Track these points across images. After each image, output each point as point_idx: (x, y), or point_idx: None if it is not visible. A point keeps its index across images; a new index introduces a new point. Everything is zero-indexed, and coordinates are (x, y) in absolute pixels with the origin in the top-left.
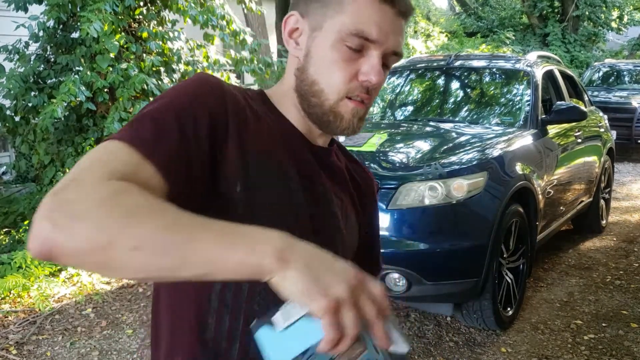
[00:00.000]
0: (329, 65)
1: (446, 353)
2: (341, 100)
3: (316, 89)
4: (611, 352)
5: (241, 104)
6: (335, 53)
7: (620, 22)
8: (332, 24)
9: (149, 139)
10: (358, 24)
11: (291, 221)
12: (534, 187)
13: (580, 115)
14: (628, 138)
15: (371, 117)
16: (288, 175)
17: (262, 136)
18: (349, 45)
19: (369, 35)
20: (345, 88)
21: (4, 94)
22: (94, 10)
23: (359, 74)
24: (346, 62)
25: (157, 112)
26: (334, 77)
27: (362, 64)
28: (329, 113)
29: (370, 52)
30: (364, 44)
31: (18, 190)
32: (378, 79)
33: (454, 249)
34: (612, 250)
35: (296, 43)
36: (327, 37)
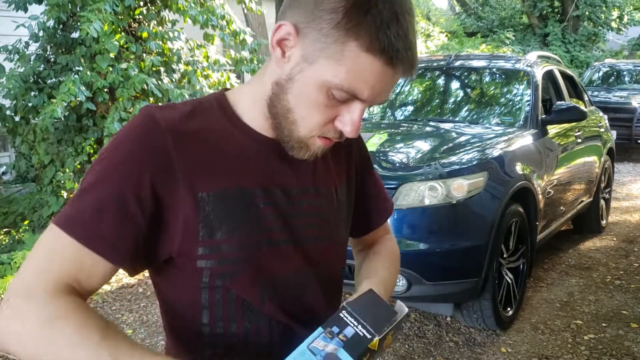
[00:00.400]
0: (309, 104)
1: (446, 353)
2: (312, 137)
3: (290, 118)
4: (611, 352)
5: (176, 152)
6: (320, 96)
7: (620, 22)
8: (325, 67)
9: (88, 225)
10: (352, 82)
11: (264, 244)
12: (534, 187)
13: (580, 115)
14: (628, 138)
15: (371, 117)
16: (253, 201)
17: (215, 170)
18: (334, 95)
19: (360, 95)
20: (320, 130)
21: (4, 93)
22: (94, 10)
23: (337, 120)
24: (327, 107)
25: (95, 191)
26: (311, 117)
27: (342, 111)
28: (296, 143)
29: (354, 105)
30: (350, 98)
31: (18, 191)
32: (355, 133)
33: (454, 249)
34: (612, 250)
35: (283, 53)
36: (316, 77)
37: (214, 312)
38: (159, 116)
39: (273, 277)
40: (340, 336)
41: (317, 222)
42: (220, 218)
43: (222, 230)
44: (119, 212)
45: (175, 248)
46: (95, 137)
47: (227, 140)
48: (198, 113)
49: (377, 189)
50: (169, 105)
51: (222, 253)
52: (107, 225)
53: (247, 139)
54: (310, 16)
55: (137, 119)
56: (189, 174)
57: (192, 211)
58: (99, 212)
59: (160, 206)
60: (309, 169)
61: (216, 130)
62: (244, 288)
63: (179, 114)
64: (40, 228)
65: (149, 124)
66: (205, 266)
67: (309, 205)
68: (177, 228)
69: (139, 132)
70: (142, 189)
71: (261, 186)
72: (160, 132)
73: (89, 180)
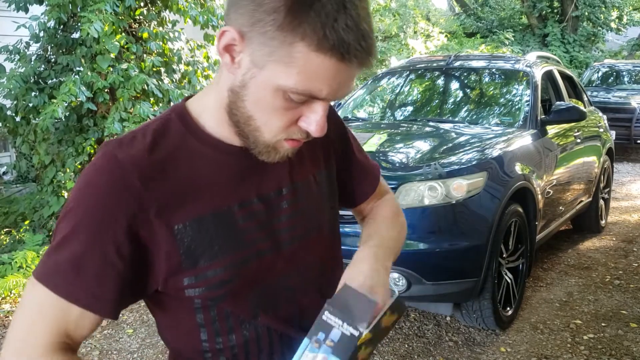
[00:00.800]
0: (267, 110)
1: (446, 353)
2: (278, 141)
3: (252, 125)
4: (610, 352)
5: (145, 191)
6: (277, 100)
7: (619, 23)
8: (275, 71)
9: (69, 280)
10: (306, 84)
11: (250, 259)
12: (533, 187)
13: (579, 115)
14: (627, 138)
15: (371, 117)
16: (232, 220)
17: (187, 199)
18: (292, 98)
19: (318, 95)
20: (284, 133)
21: (4, 94)
22: (95, 11)
23: (301, 121)
24: (287, 110)
25: (70, 245)
26: (273, 122)
27: (304, 111)
28: (263, 148)
29: (316, 104)
30: (309, 99)
31: (19, 191)
32: (321, 132)
33: (454, 248)
34: (611, 250)
35: (232, 59)
36: (269, 82)
37: (211, 329)
38: (121, 156)
39: (263, 288)
40: (327, 342)
41: (298, 221)
42: (201, 246)
43: (205, 258)
44: (99, 264)
45: (160, 283)
46: (96, 138)
47: (196, 162)
48: (160, 141)
49: (359, 162)
50: (129, 139)
51: (208, 279)
52: (87, 278)
53: (215, 154)
54: (252, 19)
55: (98, 161)
56: (162, 209)
57: (171, 246)
58: (78, 267)
59: (140, 247)
60: (284, 167)
61: (182, 154)
62: (235, 306)
63: (140, 148)
64: (40, 228)
65: (112, 166)
66: (193, 294)
67: (288, 205)
68: (160, 264)
69: (104, 177)
70: (118, 235)
71: (238, 201)
72: (125, 173)
73: (63, 233)
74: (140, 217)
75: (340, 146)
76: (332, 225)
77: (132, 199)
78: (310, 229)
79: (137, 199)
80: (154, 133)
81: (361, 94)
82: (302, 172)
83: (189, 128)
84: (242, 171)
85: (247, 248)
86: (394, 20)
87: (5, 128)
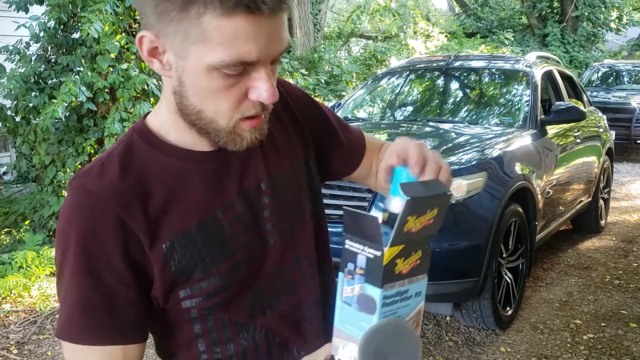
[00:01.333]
0: (211, 95)
1: (446, 352)
2: (236, 123)
3: (205, 119)
4: (610, 352)
5: (128, 217)
6: (214, 82)
7: (619, 23)
8: (198, 54)
9: (86, 326)
10: (232, 52)
11: (242, 263)
12: (533, 187)
13: (579, 115)
14: (627, 138)
15: (371, 117)
16: (217, 226)
17: (169, 216)
18: (227, 73)
19: (250, 59)
20: (238, 112)
21: (4, 94)
22: (95, 11)
23: (249, 93)
24: (230, 88)
25: (73, 291)
26: (221, 105)
27: (248, 82)
28: (226, 137)
29: (256, 70)
30: (244, 67)
31: (19, 191)
32: (273, 96)
33: (454, 248)
34: (611, 250)
35: (161, 63)
36: (198, 67)
37: (209, 339)
38: (95, 188)
39: (257, 288)
40: (358, 270)
41: (282, 213)
42: (192, 259)
43: (198, 270)
44: (107, 299)
45: (160, 299)
46: (96, 138)
47: (168, 176)
48: (128, 165)
49: (341, 136)
50: (97, 169)
51: (203, 290)
52: (101, 317)
53: (185, 164)
54: (157, 14)
55: (74, 199)
56: (147, 231)
57: (163, 263)
58: (89, 311)
59: (138, 269)
60: (259, 162)
61: (153, 172)
62: (232, 312)
63: (111, 175)
64: (40, 228)
65: (90, 201)
66: (190, 305)
67: (269, 199)
68: (156, 281)
69: (86, 213)
70: (115, 265)
71: (220, 207)
72: (103, 203)
73: (63, 280)
74: (132, 243)
75: (317, 126)
76: (314, 207)
77: (119, 228)
78: (294, 220)
79: (124, 226)
80: (120, 158)
81: (361, 94)
82: (279, 163)
83: (153, 144)
84: (217, 175)
85: (238, 253)
86: (394, 21)
87: (6, 128)
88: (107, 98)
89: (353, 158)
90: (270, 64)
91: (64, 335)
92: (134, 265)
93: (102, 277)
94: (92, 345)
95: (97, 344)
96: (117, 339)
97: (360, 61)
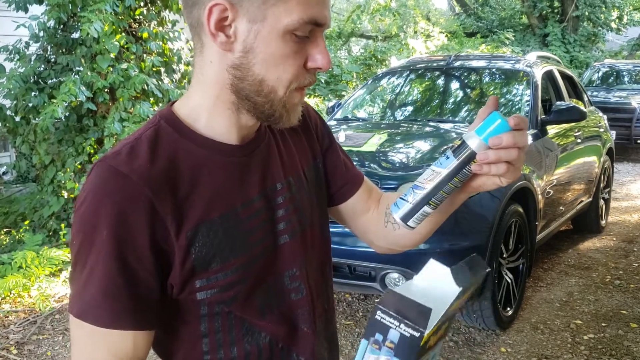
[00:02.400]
0: (279, 61)
1: (446, 353)
2: (291, 93)
3: (265, 90)
4: (611, 352)
5: (157, 201)
6: (287, 46)
7: (619, 23)
8: (277, 14)
9: (108, 308)
10: (309, 11)
11: (258, 258)
12: (533, 187)
13: (579, 115)
14: (627, 138)
15: (371, 117)
16: (238, 220)
17: (194, 205)
18: (298, 35)
19: (321, 20)
20: (297, 81)
21: (4, 94)
22: (95, 11)
23: (309, 61)
24: (296, 54)
25: (97, 271)
26: (286, 71)
27: (309, 50)
28: (279, 109)
29: (317, 37)
30: (311, 30)
31: (19, 191)
32: (329, 64)
33: (454, 248)
34: (611, 250)
35: (227, 36)
36: (274, 30)
37: (214, 340)
38: (126, 170)
39: (268, 286)
40: (387, 343)
41: (294, 214)
42: (212, 249)
43: (217, 261)
44: (131, 285)
45: (176, 288)
46: (96, 137)
47: (196, 166)
48: (157, 150)
49: (342, 160)
50: (127, 151)
51: (219, 281)
52: (124, 301)
53: (213, 155)
54: None
55: (101, 180)
56: (174, 217)
57: (185, 250)
58: (113, 294)
59: (162, 257)
60: (277, 163)
61: (181, 160)
62: (243, 307)
63: (142, 158)
64: (40, 228)
65: (122, 182)
66: (204, 297)
67: (284, 199)
68: (176, 269)
69: (117, 195)
70: (142, 251)
71: (241, 201)
72: (135, 186)
73: (84, 261)
74: (159, 229)
75: (325, 144)
76: (322, 224)
77: (149, 212)
78: (304, 223)
79: (153, 211)
80: (150, 142)
81: (361, 93)
82: (293, 168)
83: (182, 132)
84: (241, 170)
85: (255, 248)
86: (394, 20)
87: (5, 128)
88: (106, 98)
89: (348, 184)
90: None
91: (87, 316)
92: (158, 251)
93: (128, 262)
94: (110, 328)
95: (118, 328)
96: (134, 324)
97: (361, 61)
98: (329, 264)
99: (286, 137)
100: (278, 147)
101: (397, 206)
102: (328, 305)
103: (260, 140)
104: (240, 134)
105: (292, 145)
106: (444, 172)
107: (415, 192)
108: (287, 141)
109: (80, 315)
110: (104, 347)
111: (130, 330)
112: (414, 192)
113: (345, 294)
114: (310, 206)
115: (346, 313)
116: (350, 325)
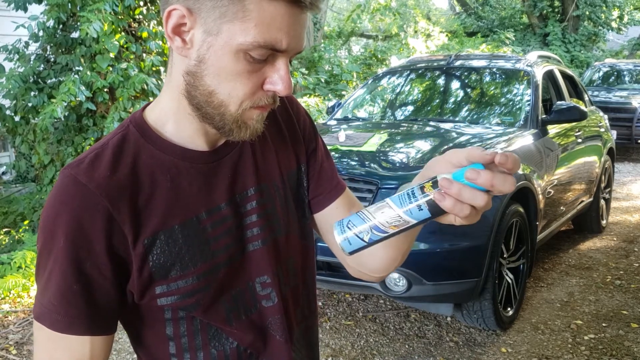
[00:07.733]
0: (230, 77)
1: (446, 353)
2: (245, 110)
3: (215, 101)
4: (611, 352)
5: (114, 210)
6: (238, 64)
7: (620, 22)
8: (232, 31)
9: (64, 313)
10: (266, 35)
11: (221, 266)
12: (534, 187)
13: (580, 115)
14: (628, 138)
15: (371, 117)
16: (200, 228)
17: (155, 212)
18: (253, 56)
19: (279, 47)
20: (250, 100)
21: (3, 93)
22: (94, 10)
23: (266, 83)
24: (250, 73)
25: (54, 278)
26: (237, 89)
27: (267, 72)
28: (231, 124)
29: (278, 61)
30: (270, 53)
31: (18, 190)
32: (288, 90)
33: (454, 249)
34: (612, 250)
35: (183, 41)
36: (227, 46)
37: (180, 343)
38: (84, 179)
39: (235, 293)
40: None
41: (265, 221)
42: (171, 257)
43: (176, 269)
44: (87, 290)
45: (136, 294)
46: (95, 137)
47: (161, 173)
48: (120, 157)
49: (324, 165)
50: (89, 160)
51: (179, 289)
52: (80, 307)
53: (178, 161)
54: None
55: (61, 188)
56: (132, 225)
57: (142, 258)
58: (68, 299)
59: (120, 263)
60: (249, 170)
61: (145, 166)
62: (208, 313)
63: (102, 168)
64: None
65: (79, 191)
66: (165, 303)
67: (255, 206)
68: (134, 276)
69: (74, 203)
70: (99, 257)
71: (205, 209)
72: (91, 195)
73: (46, 265)
74: (116, 236)
75: (310, 147)
76: (303, 230)
77: (106, 220)
78: (277, 230)
79: (110, 219)
80: (114, 150)
81: (361, 93)
82: (269, 174)
83: (148, 138)
84: (208, 176)
85: (218, 256)
86: (394, 20)
87: (5, 128)
88: (106, 97)
89: (325, 193)
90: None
91: (44, 319)
92: (115, 258)
93: (84, 268)
94: (66, 333)
95: (72, 333)
96: (90, 330)
97: (361, 60)
98: (310, 270)
99: (267, 141)
100: (254, 152)
101: (349, 242)
102: (309, 311)
103: (233, 146)
104: (208, 139)
105: (272, 150)
106: (412, 222)
107: (373, 233)
108: (267, 145)
109: (38, 318)
110: (62, 350)
111: (86, 335)
112: (372, 232)
113: (345, 294)
114: (286, 213)
115: (346, 313)
116: (351, 326)
